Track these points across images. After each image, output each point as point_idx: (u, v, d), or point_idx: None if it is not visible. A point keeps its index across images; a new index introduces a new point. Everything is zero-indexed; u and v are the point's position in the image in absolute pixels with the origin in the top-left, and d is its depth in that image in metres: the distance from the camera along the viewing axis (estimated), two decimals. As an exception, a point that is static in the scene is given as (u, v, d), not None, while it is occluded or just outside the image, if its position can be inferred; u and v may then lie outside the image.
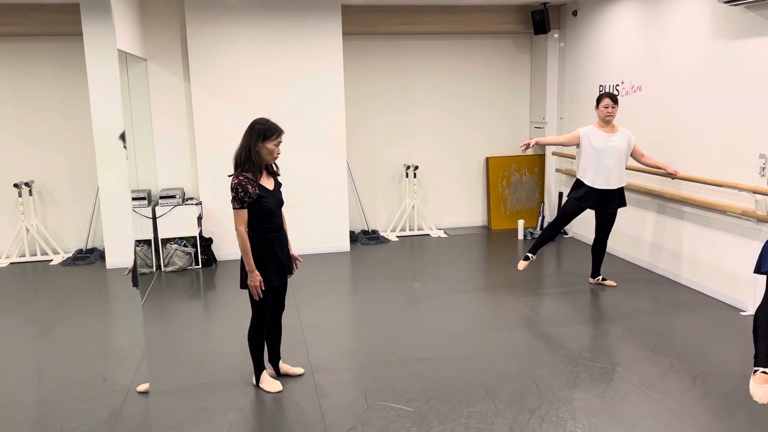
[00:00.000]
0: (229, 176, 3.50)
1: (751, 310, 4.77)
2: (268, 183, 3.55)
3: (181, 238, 6.30)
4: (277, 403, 3.58)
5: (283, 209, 3.67)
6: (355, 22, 6.86)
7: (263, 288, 3.50)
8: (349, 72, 7.24)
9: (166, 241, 6.26)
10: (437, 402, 3.54)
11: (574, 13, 6.96)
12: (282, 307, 3.82)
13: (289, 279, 3.80)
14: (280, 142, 3.52)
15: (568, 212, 5.34)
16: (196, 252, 6.33)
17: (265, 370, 3.77)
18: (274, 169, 3.63)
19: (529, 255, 5.40)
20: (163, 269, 6.26)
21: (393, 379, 3.83)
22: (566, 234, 7.40)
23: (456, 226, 7.91)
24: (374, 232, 7.45)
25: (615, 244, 6.41)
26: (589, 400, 3.53)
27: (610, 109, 5.09)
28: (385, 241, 7.30)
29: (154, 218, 6.20)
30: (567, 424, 3.29)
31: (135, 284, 3.60)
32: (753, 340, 2.84)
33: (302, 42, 6.44)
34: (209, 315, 5.04)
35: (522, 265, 5.41)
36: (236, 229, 3.45)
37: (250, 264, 3.45)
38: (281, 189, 3.67)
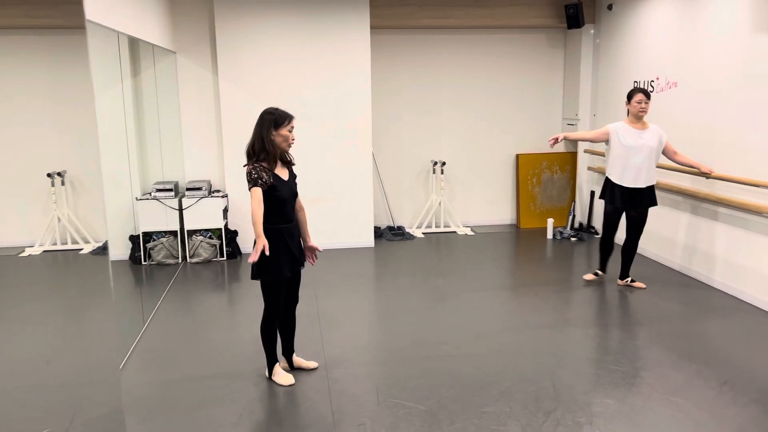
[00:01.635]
0: (244, 166, 3.48)
1: (787, 316, 4.56)
2: (282, 173, 3.52)
3: (207, 230, 6.34)
4: (288, 396, 3.55)
5: (307, 203, 3.60)
6: (383, 16, 6.79)
7: (269, 278, 3.43)
8: (377, 66, 7.18)
9: (192, 232, 6.31)
10: (450, 401, 3.46)
11: (609, 7, 6.76)
12: (296, 300, 3.78)
13: (309, 272, 3.75)
14: (293, 127, 3.48)
15: (607, 218, 5.25)
16: (222, 244, 6.37)
17: (278, 363, 3.75)
18: (289, 158, 3.59)
19: (599, 272, 5.48)
20: (188, 260, 6.32)
21: (407, 376, 3.76)
22: (597, 234, 7.21)
23: (484, 223, 7.78)
24: (400, 228, 7.38)
25: (647, 245, 6.21)
26: (608, 404, 3.40)
27: (643, 105, 4.92)
28: (411, 237, 7.22)
29: (181, 210, 6.25)
30: (583, 429, 3.17)
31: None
32: None
33: (330, 36, 6.40)
34: (231, 306, 5.06)
35: (589, 276, 5.52)
36: (251, 205, 3.34)
37: (259, 231, 3.31)
38: (296, 180, 3.63)
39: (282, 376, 3.70)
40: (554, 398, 3.48)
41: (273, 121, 3.43)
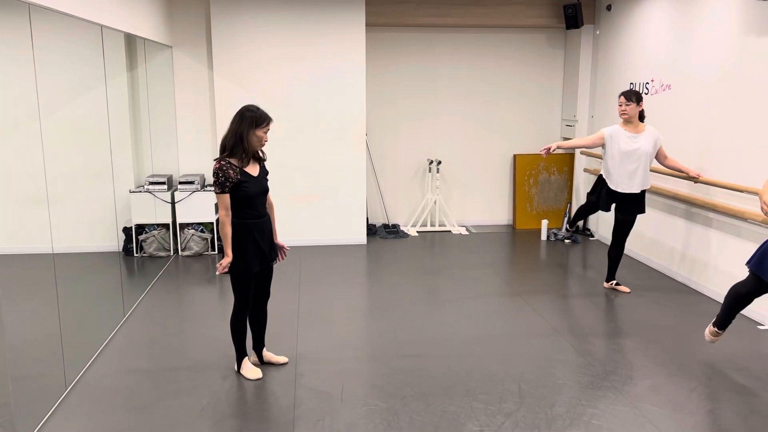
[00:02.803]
0: (214, 161, 3.51)
1: (770, 324, 4.49)
2: (252, 169, 3.54)
3: (199, 224, 6.40)
4: (254, 390, 3.58)
5: (300, 199, 3.65)
6: (381, 14, 6.79)
7: (224, 270, 3.46)
8: (375, 63, 7.19)
9: (184, 225, 6.38)
10: (413, 400, 3.46)
11: (608, 8, 6.69)
12: (267, 295, 3.81)
13: (296, 268, 3.78)
14: (269, 129, 3.51)
15: (587, 203, 5.34)
16: (213, 238, 6.42)
17: (247, 357, 3.78)
18: (261, 155, 3.62)
19: (614, 281, 5.35)
20: (180, 253, 6.38)
21: (375, 375, 3.77)
22: (593, 236, 7.15)
23: (479, 223, 7.75)
24: (395, 226, 7.38)
25: (639, 249, 6.15)
26: (570, 408, 3.38)
27: (623, 107, 4.87)
28: (405, 235, 7.22)
29: (173, 203, 6.31)
30: (540, 431, 3.15)
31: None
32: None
33: (325, 32, 6.42)
34: (215, 300, 5.10)
35: (607, 285, 5.39)
36: (219, 213, 3.47)
37: (228, 248, 3.45)
38: (267, 176, 3.65)
39: (250, 370, 3.73)
40: (518, 400, 3.46)
41: (254, 120, 3.46)
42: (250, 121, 3.45)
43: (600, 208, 5.15)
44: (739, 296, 3.56)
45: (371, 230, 7.25)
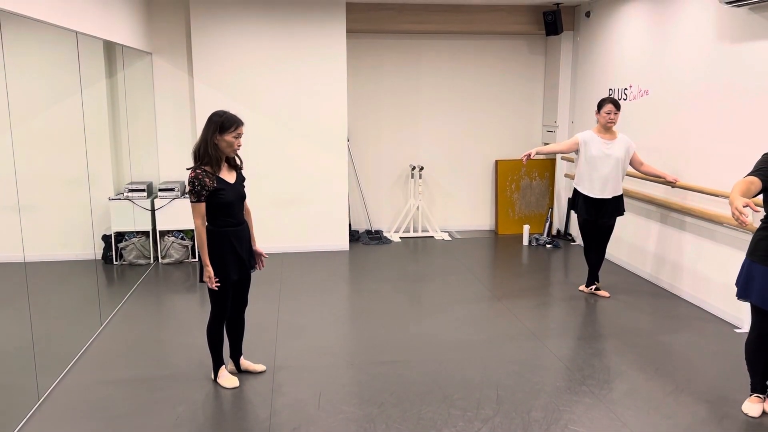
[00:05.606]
0: (188, 170, 3.48)
1: (745, 327, 4.52)
2: (228, 176, 3.52)
3: (179, 231, 6.36)
4: (230, 399, 3.55)
5: (281, 205, 3.63)
6: (362, 20, 6.81)
7: (218, 284, 3.48)
8: (357, 69, 7.20)
9: (164, 233, 6.33)
10: (390, 406, 3.45)
11: (587, 14, 6.75)
12: (244, 303, 3.79)
13: (276, 275, 3.76)
14: (240, 134, 3.47)
15: (583, 229, 5.22)
16: (193, 245, 6.38)
17: (224, 366, 3.75)
18: (237, 162, 3.60)
19: (594, 285, 5.35)
20: (159, 261, 6.33)
21: (352, 381, 3.76)
22: (574, 241, 7.19)
23: (462, 229, 7.77)
24: (377, 232, 7.38)
25: (619, 254, 6.19)
26: (547, 413, 3.38)
27: (612, 116, 4.90)
28: (387, 241, 7.22)
29: (153, 210, 6.27)
30: (518, 436, 3.16)
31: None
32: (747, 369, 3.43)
33: (306, 38, 6.42)
34: (194, 308, 5.06)
35: (586, 290, 5.41)
36: (194, 223, 3.45)
37: (205, 259, 3.44)
38: (244, 183, 3.64)
39: (226, 378, 3.70)
40: (495, 405, 3.46)
41: (219, 124, 3.41)
42: (216, 126, 3.41)
43: (585, 218, 5.11)
44: (754, 346, 3.30)
45: (354, 236, 7.25)
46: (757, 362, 3.33)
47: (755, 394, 3.40)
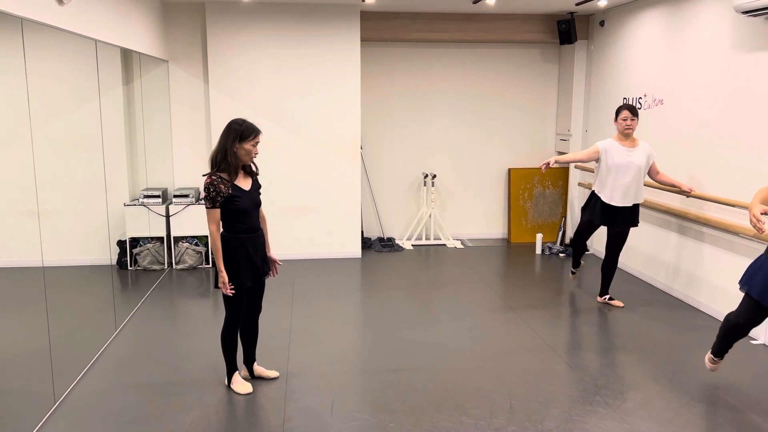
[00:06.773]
0: (203, 176, 3.52)
1: (762, 339, 4.48)
2: (244, 183, 3.55)
3: (193, 237, 6.40)
4: (244, 405, 3.57)
5: (293, 212, 3.65)
6: (376, 29, 6.85)
7: (233, 290, 3.50)
8: (370, 78, 7.24)
9: (178, 239, 6.38)
10: (403, 414, 3.45)
11: (602, 23, 6.75)
12: (258, 309, 3.81)
13: (289, 282, 3.78)
14: (258, 142, 3.51)
15: (581, 227, 5.25)
16: (207, 251, 6.43)
17: (237, 372, 3.77)
18: (253, 169, 3.63)
19: (574, 270, 5.61)
20: (174, 267, 6.38)
21: (365, 388, 3.76)
22: (588, 250, 7.15)
23: (474, 237, 7.76)
24: (390, 239, 7.39)
25: (633, 264, 6.16)
26: (561, 422, 3.37)
27: (629, 122, 4.88)
28: (399, 249, 7.22)
29: (168, 216, 6.32)
30: (531, 446, 3.14)
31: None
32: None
33: (320, 47, 6.47)
34: (208, 314, 5.09)
35: (572, 277, 5.71)
36: (208, 229, 3.48)
37: (220, 264, 3.47)
38: (260, 190, 3.66)
39: (240, 384, 3.72)
40: (509, 414, 3.45)
41: (239, 133, 3.45)
42: (236, 135, 3.45)
43: (594, 222, 5.14)
44: (730, 326, 3.47)
45: (366, 243, 7.26)
46: (731, 340, 3.55)
47: (714, 356, 3.70)
